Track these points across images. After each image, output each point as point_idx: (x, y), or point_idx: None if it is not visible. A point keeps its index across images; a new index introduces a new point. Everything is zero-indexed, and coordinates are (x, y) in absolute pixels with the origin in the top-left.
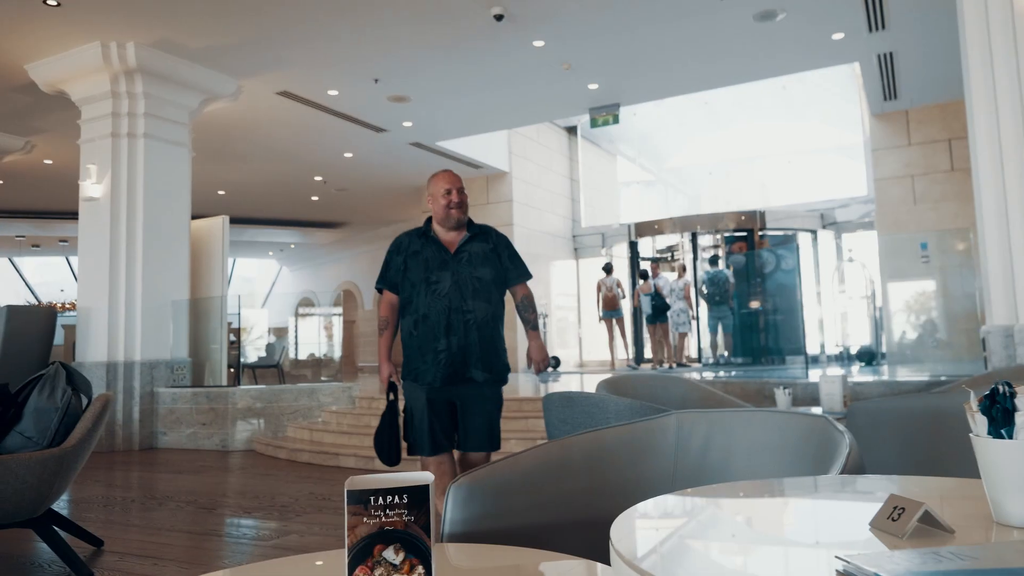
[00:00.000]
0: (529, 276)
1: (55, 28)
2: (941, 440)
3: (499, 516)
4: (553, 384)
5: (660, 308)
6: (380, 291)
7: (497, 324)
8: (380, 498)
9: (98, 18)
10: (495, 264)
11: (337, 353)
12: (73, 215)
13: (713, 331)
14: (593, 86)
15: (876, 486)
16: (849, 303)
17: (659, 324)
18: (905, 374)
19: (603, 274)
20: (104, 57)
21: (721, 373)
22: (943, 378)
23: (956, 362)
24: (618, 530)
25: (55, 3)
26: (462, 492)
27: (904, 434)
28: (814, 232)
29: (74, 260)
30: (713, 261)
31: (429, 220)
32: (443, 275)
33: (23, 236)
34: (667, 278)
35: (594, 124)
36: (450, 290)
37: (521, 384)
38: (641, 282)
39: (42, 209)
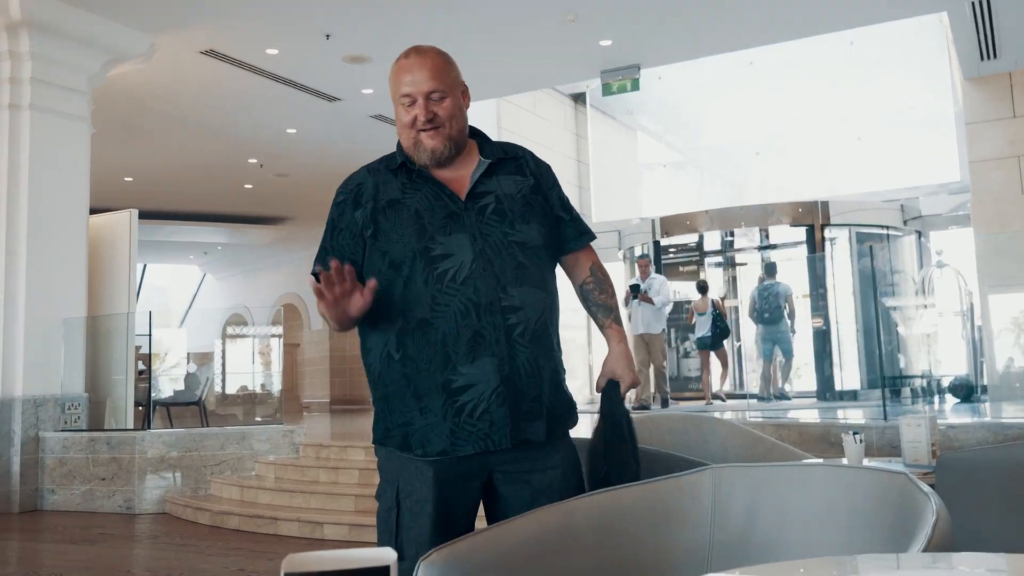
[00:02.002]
0: (593, 236)
1: None
2: None
3: None
4: None
5: (723, 332)
6: (317, 279)
7: (555, 327)
8: None
9: None
10: (543, 214)
11: (276, 386)
12: None
13: (768, 357)
14: (606, 43)
15: (972, 567)
16: (939, 321)
17: (718, 351)
18: (1013, 413)
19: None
20: None
21: (769, 412)
22: None
23: None
24: None
25: None
26: (434, 572)
27: (1012, 496)
28: (892, 229)
29: None
30: (770, 270)
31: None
32: (454, 241)
33: None
34: (657, 278)
35: (607, 91)
36: (473, 270)
37: None
38: (697, 297)
39: None
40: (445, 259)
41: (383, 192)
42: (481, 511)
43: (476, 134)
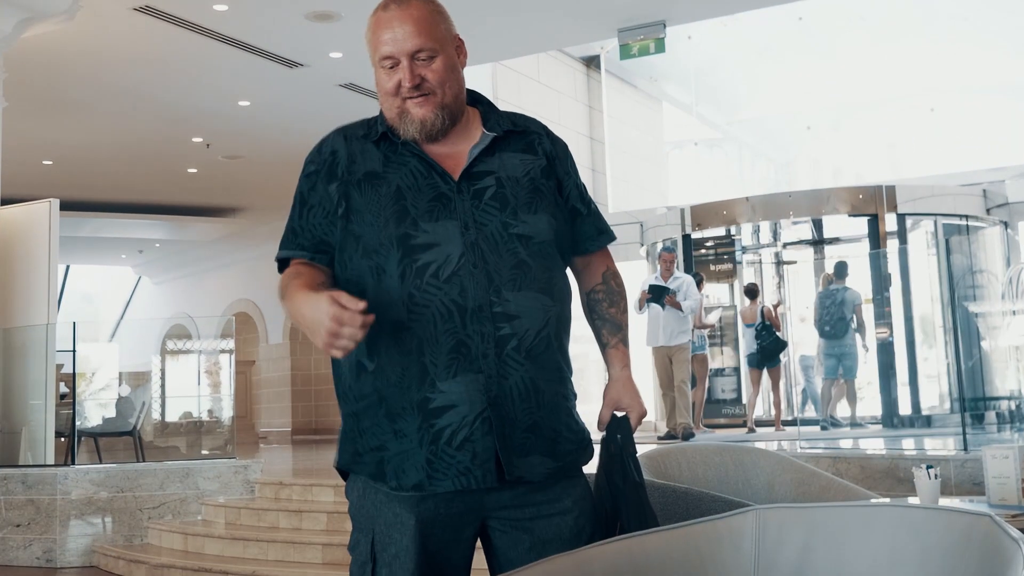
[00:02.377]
0: (613, 236)
1: None
2: None
3: None
4: None
5: (774, 346)
6: (284, 265)
7: (563, 343)
8: None
9: None
10: (554, 201)
11: (227, 412)
12: None
13: (832, 376)
14: None
15: None
16: None
17: (770, 369)
18: None
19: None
20: None
21: (825, 442)
22: None
23: None
24: None
25: None
26: None
27: None
28: (972, 219)
29: None
30: (840, 271)
31: None
32: (441, 229)
33: None
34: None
35: (627, 54)
36: (461, 265)
37: None
38: (746, 302)
39: None
40: (428, 250)
41: (360, 163)
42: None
43: (478, 100)
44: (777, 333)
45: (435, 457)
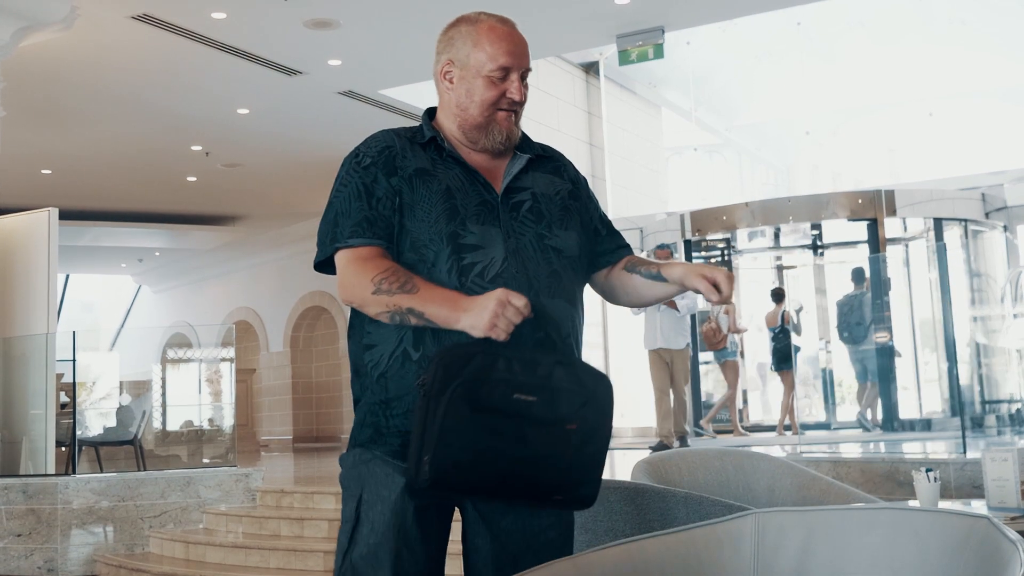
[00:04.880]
0: (631, 250)
1: None
2: None
3: None
4: None
5: (787, 349)
6: (328, 257)
7: (581, 347)
8: None
9: None
10: (582, 221)
11: (228, 421)
12: None
13: (863, 380)
14: (623, 0)
15: None
16: None
17: (785, 372)
18: None
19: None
20: None
21: (823, 447)
22: None
23: None
24: None
25: None
26: None
27: None
28: (971, 223)
29: None
30: (857, 277)
31: (429, 114)
32: (487, 234)
33: None
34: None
35: (625, 59)
36: (504, 269)
37: None
38: (772, 306)
39: None
40: (475, 251)
41: (411, 160)
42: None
43: None
44: (795, 338)
45: None
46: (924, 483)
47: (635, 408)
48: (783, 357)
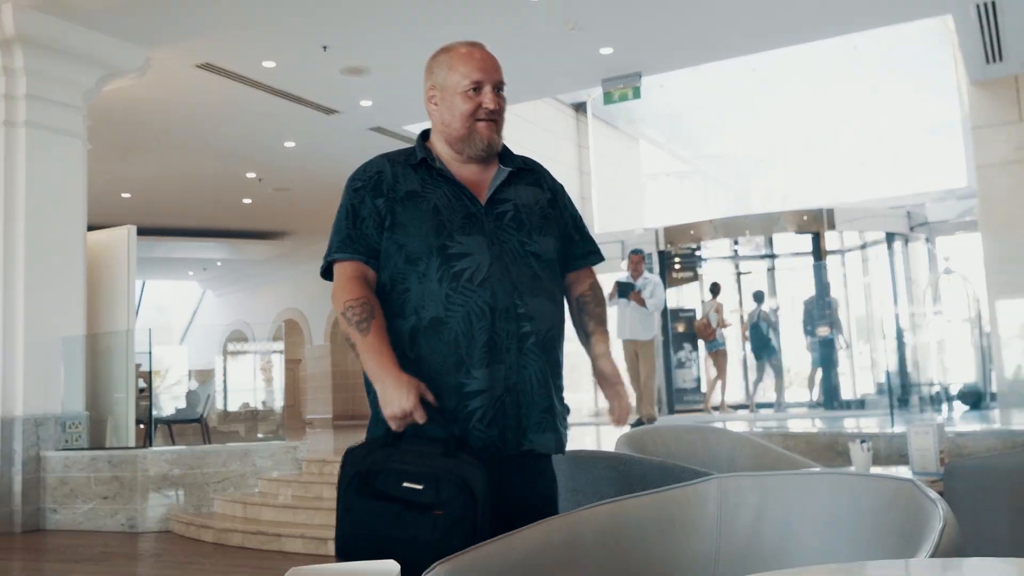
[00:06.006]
0: (602, 257)
1: None
2: None
3: None
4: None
5: (766, 341)
6: (329, 267)
7: (562, 339)
8: None
9: None
10: (559, 227)
11: (278, 403)
12: None
13: (816, 366)
14: (607, 51)
15: (980, 573)
16: (947, 328)
17: (771, 360)
18: (1023, 421)
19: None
20: None
21: (772, 423)
22: None
23: None
24: None
25: None
26: None
27: (1019, 502)
28: (899, 236)
29: None
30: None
31: (423, 136)
32: (473, 242)
33: None
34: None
35: (609, 100)
36: (490, 273)
37: None
38: (753, 305)
39: None
40: (462, 258)
41: (402, 183)
42: None
43: None
44: (770, 332)
45: (467, 434)
46: (859, 452)
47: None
48: (762, 346)
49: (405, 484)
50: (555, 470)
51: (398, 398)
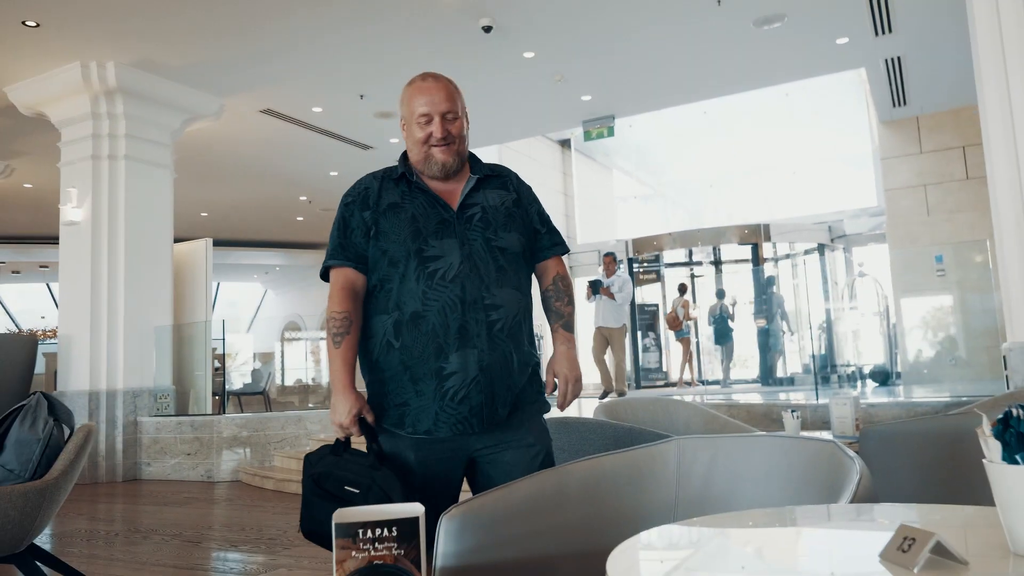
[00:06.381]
0: (566, 248)
1: (34, 49)
2: (959, 466)
3: (493, 548)
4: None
5: (724, 330)
6: (326, 272)
7: (529, 325)
8: (369, 531)
9: (78, 38)
10: (523, 225)
11: (325, 379)
12: (54, 240)
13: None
14: (586, 98)
15: (888, 515)
16: (861, 320)
17: (725, 346)
18: (922, 395)
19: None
20: (84, 78)
21: (720, 396)
22: (964, 399)
23: (977, 381)
24: (617, 562)
25: (34, 24)
26: (454, 524)
27: (919, 459)
28: (822, 246)
29: (55, 286)
30: (771, 282)
31: (406, 156)
32: (445, 245)
33: (3, 262)
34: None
35: (588, 137)
36: (460, 270)
37: None
38: (715, 300)
39: (22, 234)
40: (436, 260)
41: (385, 197)
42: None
43: (469, 155)
44: (730, 322)
45: (441, 410)
46: (790, 420)
47: (592, 370)
48: (721, 335)
49: (346, 487)
50: (549, 440)
51: (341, 412)
